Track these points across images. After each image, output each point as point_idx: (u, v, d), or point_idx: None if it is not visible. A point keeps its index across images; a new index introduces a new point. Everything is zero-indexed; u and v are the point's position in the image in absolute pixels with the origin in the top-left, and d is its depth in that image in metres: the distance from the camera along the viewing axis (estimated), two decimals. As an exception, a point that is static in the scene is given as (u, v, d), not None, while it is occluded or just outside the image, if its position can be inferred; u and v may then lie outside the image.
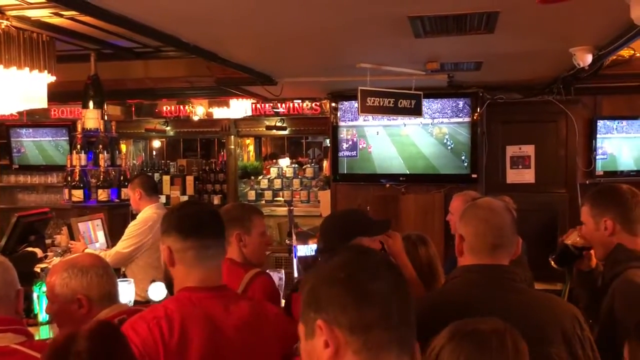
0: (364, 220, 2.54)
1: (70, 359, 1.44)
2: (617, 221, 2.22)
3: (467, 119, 5.75)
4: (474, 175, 5.74)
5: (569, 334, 1.75)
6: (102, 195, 5.31)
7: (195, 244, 1.86)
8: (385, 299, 1.09)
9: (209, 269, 1.89)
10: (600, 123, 5.86)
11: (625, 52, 4.58)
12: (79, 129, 5.43)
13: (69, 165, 5.45)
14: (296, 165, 8.84)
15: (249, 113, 8.56)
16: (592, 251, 2.45)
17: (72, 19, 4.35)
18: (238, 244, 2.61)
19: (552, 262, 2.53)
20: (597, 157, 5.88)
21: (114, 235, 5.12)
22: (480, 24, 3.14)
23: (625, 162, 5.98)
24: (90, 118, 5.43)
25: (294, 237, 4.39)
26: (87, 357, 1.45)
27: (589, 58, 3.81)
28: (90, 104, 5.45)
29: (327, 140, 7.37)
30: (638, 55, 4.72)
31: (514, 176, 5.98)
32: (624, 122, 5.92)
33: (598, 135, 5.86)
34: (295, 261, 4.29)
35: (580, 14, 3.00)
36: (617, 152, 5.96)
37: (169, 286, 1.96)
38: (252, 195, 8.45)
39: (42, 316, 3.21)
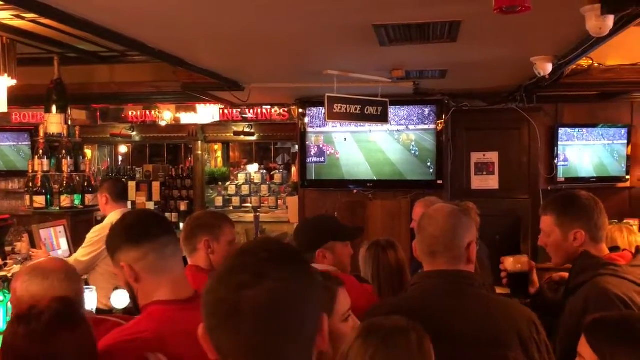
0: (336, 225, 2.65)
1: (32, 320, 1.54)
2: (586, 231, 2.24)
3: (432, 126, 5.83)
4: (440, 182, 5.82)
5: (526, 337, 1.78)
6: (65, 201, 5.21)
7: (150, 246, 1.75)
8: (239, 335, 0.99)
9: (176, 274, 1.78)
10: (561, 130, 6.01)
11: (584, 62, 4.70)
12: (42, 133, 5.33)
13: (30, 171, 5.34)
14: (264, 171, 8.82)
15: (217, 118, 8.53)
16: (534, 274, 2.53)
17: (34, 21, 4.28)
18: (206, 250, 2.59)
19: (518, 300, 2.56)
20: (559, 164, 6.02)
21: (77, 242, 5.02)
22: (444, 32, 3.20)
23: (586, 168, 6.14)
24: (53, 123, 5.33)
25: (260, 243, 4.38)
26: (48, 317, 1.54)
27: (549, 67, 3.90)
28: (54, 108, 5.35)
29: (296, 146, 7.38)
30: (596, 65, 4.85)
31: (478, 182, 6.08)
32: (584, 130, 6.08)
33: (559, 143, 6.00)
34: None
35: (540, 25, 3.08)
36: (578, 159, 6.11)
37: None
38: (219, 201, 8.40)
39: (2, 325, 3.12)
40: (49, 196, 5.26)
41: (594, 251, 2.23)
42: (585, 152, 6.12)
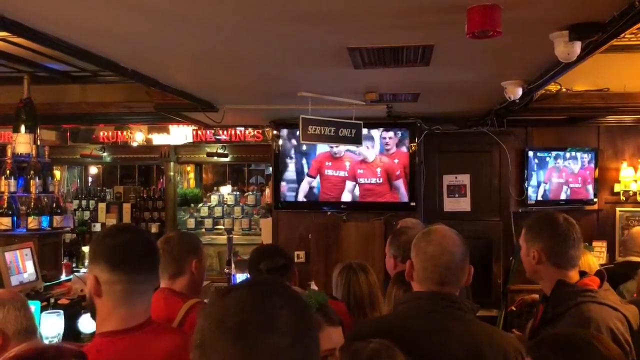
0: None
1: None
2: (543, 252, 2.26)
3: (405, 149, 5.88)
4: (413, 204, 5.85)
5: None
6: (33, 223, 5.08)
7: (124, 278, 1.70)
8: (277, 353, 0.95)
9: (136, 306, 1.74)
10: (531, 154, 6.12)
11: (553, 87, 4.82)
12: (9, 153, 5.21)
13: (-4, 192, 5.20)
14: (238, 193, 8.76)
15: (190, 139, 8.47)
16: None
17: (4, 40, 4.23)
18: (194, 271, 2.58)
19: None
20: (529, 187, 6.12)
21: (44, 265, 4.90)
22: (417, 56, 3.24)
23: (554, 191, 6.24)
24: (22, 143, 5.22)
25: (233, 265, 4.32)
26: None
27: (519, 92, 3.99)
28: (22, 128, 5.25)
29: (270, 168, 7.36)
30: (564, 90, 4.97)
31: (450, 204, 6.13)
32: (553, 153, 6.21)
33: (529, 166, 6.11)
34: (234, 290, 4.22)
35: (510, 50, 3.15)
36: (547, 181, 6.22)
37: (94, 315, 1.81)
38: (191, 223, 8.30)
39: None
40: (15, 217, 5.12)
41: (560, 276, 2.24)
42: (554, 175, 6.24)
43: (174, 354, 1.76)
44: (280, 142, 6.05)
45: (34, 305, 2.92)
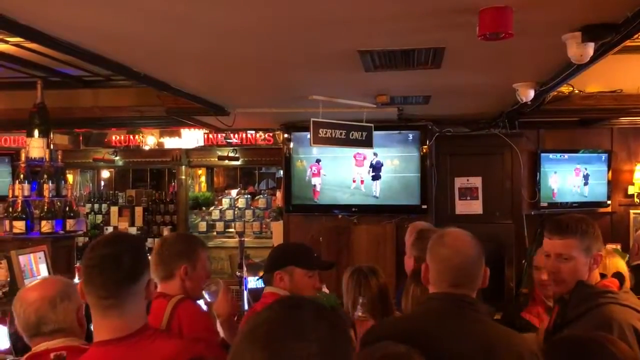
0: (302, 252, 2.68)
1: None
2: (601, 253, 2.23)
3: (416, 151, 5.86)
4: (424, 206, 5.83)
5: None
6: (46, 226, 5.12)
7: (91, 292, 1.69)
8: None
9: (116, 318, 1.69)
10: (543, 156, 6.08)
11: (565, 89, 4.78)
12: (23, 158, 5.25)
13: (10, 196, 5.25)
14: (249, 196, 8.79)
15: (201, 143, 8.51)
16: None
17: (18, 45, 4.28)
18: (183, 277, 2.50)
19: None
20: (541, 189, 6.08)
21: (57, 268, 4.94)
22: (428, 59, 3.24)
23: (568, 194, 6.20)
24: (35, 147, 5.27)
25: (244, 268, 4.33)
26: None
27: (531, 93, 3.97)
28: (36, 132, 5.30)
29: (281, 171, 7.37)
30: (577, 91, 4.94)
31: (462, 207, 6.10)
32: (565, 155, 6.17)
33: (541, 168, 6.07)
34: (245, 293, 4.23)
35: (522, 52, 3.13)
36: (560, 184, 6.18)
37: None
38: (202, 226, 8.34)
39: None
40: (29, 221, 5.17)
41: (594, 275, 2.22)
42: (567, 178, 6.19)
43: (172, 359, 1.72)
44: (292, 144, 6.05)
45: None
